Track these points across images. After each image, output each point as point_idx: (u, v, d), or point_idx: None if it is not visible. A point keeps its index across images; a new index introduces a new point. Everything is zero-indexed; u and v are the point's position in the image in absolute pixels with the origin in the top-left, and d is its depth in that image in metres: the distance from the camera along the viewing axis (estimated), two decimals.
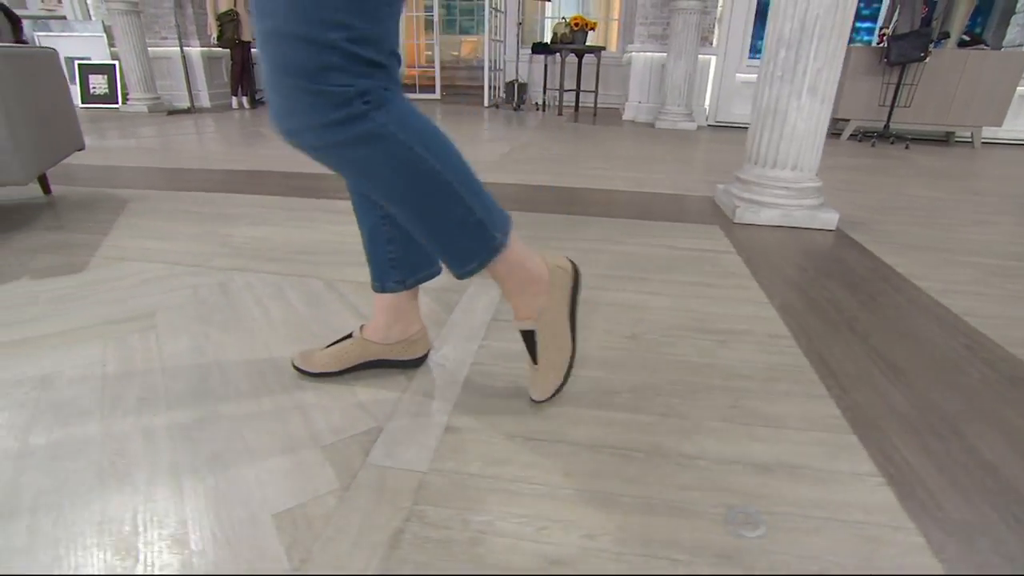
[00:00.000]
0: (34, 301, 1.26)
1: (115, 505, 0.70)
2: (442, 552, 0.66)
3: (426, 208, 0.75)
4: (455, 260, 0.80)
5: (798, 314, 1.32)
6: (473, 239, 0.78)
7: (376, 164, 0.70)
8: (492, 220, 0.80)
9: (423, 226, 0.77)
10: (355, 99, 0.65)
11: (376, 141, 0.68)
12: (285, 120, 0.66)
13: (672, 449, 0.85)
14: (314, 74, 0.62)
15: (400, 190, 0.73)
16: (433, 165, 0.73)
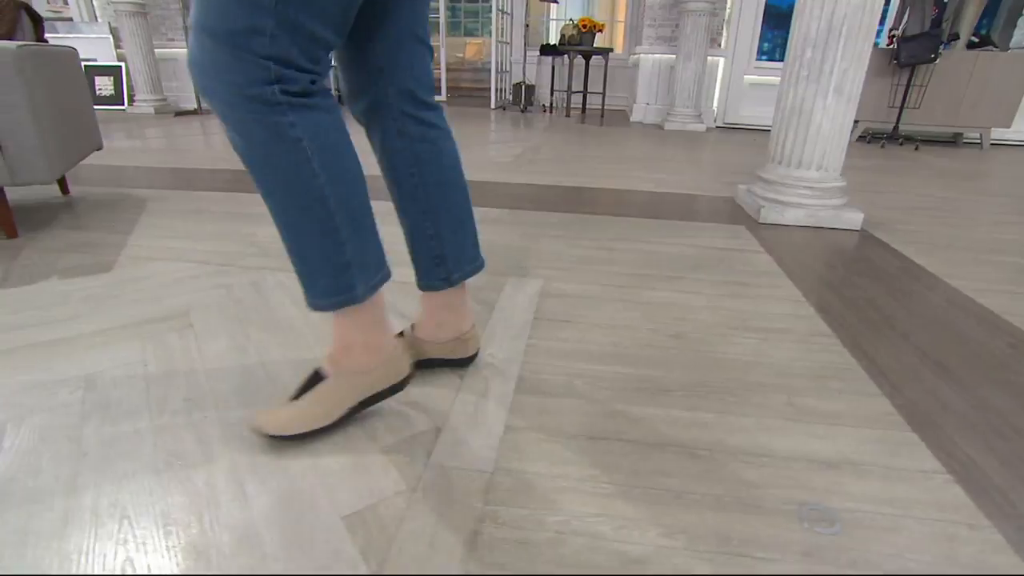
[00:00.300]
0: (65, 300, 1.24)
1: (179, 507, 0.69)
2: (522, 553, 0.64)
3: (296, 226, 0.71)
4: (308, 289, 0.76)
5: (836, 313, 1.32)
6: (332, 278, 0.74)
7: (267, 156, 0.67)
8: (362, 269, 0.76)
9: (287, 240, 0.73)
10: (275, 82, 0.62)
11: (277, 137, 0.65)
12: (202, 76, 0.63)
13: (735, 447, 0.84)
14: (239, 34, 0.59)
15: (278, 195, 0.69)
16: (323, 188, 0.70)
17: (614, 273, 1.50)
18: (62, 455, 0.77)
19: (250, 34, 0.60)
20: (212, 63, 0.61)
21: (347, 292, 0.75)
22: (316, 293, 0.75)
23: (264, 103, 0.63)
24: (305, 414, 0.79)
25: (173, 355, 1.03)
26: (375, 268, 0.78)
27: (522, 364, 1.03)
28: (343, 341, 0.81)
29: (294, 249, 0.73)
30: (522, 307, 1.26)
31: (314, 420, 0.79)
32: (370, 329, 0.81)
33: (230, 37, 0.60)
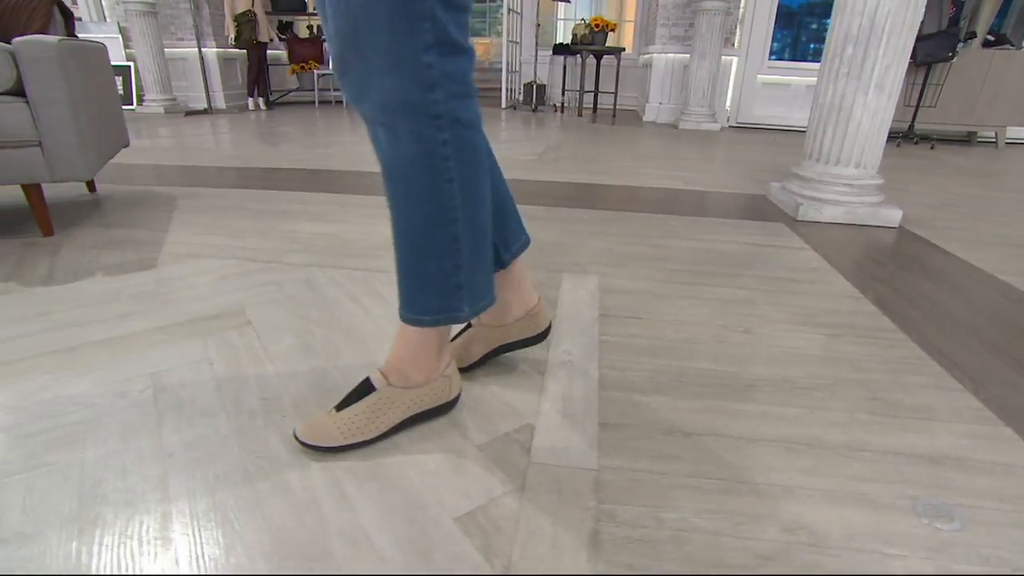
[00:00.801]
0: (116, 298, 1.21)
1: (280, 511, 0.66)
2: (648, 552, 0.62)
3: (419, 242, 0.69)
4: (410, 303, 0.74)
5: (896, 308, 1.30)
6: (440, 298, 0.73)
7: (409, 167, 0.65)
8: (471, 291, 0.74)
9: (404, 254, 0.71)
10: (439, 83, 0.61)
11: (427, 148, 0.64)
12: (353, 85, 0.63)
13: (833, 441, 0.82)
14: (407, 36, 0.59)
15: (409, 209, 0.68)
16: (456, 209, 0.68)
17: (667, 269, 1.48)
18: (146, 456, 0.74)
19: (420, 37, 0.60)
20: (379, 67, 0.61)
21: (452, 312, 0.73)
22: (418, 309, 0.73)
23: (427, 115, 0.62)
24: (351, 426, 0.75)
25: (238, 353, 1.01)
26: (484, 292, 0.76)
27: (600, 361, 1.01)
28: (403, 354, 0.78)
29: (410, 264, 0.71)
30: (586, 303, 1.24)
31: (359, 432, 0.75)
32: (434, 348, 0.79)
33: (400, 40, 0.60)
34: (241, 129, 4.06)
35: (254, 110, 5.29)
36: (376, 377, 0.78)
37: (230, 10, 4.85)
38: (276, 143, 3.43)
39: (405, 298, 0.74)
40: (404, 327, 0.77)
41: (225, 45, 5.21)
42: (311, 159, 2.91)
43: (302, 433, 0.74)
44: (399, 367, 0.78)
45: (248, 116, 4.88)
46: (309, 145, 3.37)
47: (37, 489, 0.68)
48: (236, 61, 5.46)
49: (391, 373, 0.78)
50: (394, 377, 0.78)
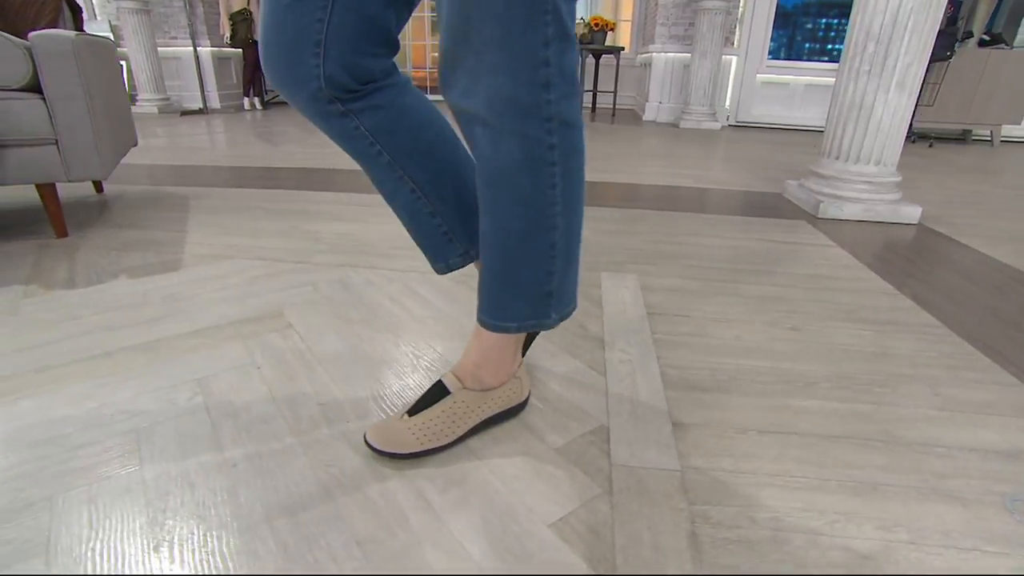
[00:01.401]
0: (144, 301, 1.17)
1: (366, 524, 0.63)
2: (749, 553, 0.60)
3: (514, 248, 0.66)
4: (495, 309, 0.71)
5: (934, 303, 1.30)
6: (529, 305, 0.70)
7: (514, 169, 0.62)
8: (560, 299, 0.71)
9: (497, 260, 0.68)
10: (554, 83, 0.58)
11: (534, 152, 0.61)
12: (459, 79, 0.59)
13: (905, 437, 0.81)
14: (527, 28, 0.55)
15: (508, 215, 0.64)
16: (556, 216, 0.65)
17: (700, 267, 1.46)
18: (209, 467, 0.71)
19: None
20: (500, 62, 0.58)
21: (539, 319, 0.71)
22: (504, 315, 0.71)
23: (538, 117, 0.59)
24: (427, 431, 0.72)
25: (284, 357, 0.97)
26: (570, 298, 0.73)
27: (658, 360, 0.99)
28: (479, 358, 0.76)
29: (501, 270, 0.68)
30: (630, 302, 1.22)
31: (436, 438, 0.72)
32: (511, 351, 0.76)
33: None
34: (239, 129, 3.99)
35: (250, 110, 5.21)
36: (450, 380, 0.75)
37: (225, 8, 4.77)
38: (278, 143, 3.37)
39: (490, 303, 0.71)
40: (482, 331, 0.74)
41: (220, 44, 5.12)
42: (315, 158, 2.86)
43: (375, 440, 0.71)
44: (474, 371, 0.75)
45: (244, 116, 4.80)
46: (312, 144, 3.32)
47: (101, 503, 0.64)
48: (231, 60, 5.37)
49: (466, 376, 0.75)
50: (469, 380, 0.75)
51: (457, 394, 0.74)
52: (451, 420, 0.73)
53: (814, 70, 4.88)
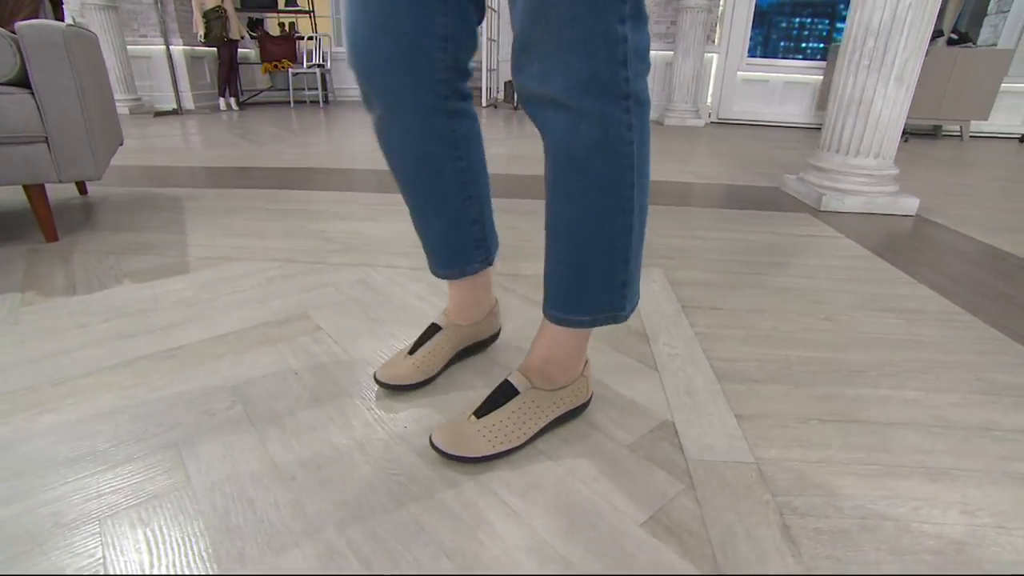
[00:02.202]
0: (156, 306, 1.10)
1: (450, 534, 0.59)
2: (845, 542, 0.59)
3: (592, 237, 0.63)
4: (567, 303, 0.68)
5: (952, 291, 1.32)
6: (605, 296, 0.67)
7: (593, 151, 0.59)
8: (633, 289, 0.69)
9: (570, 250, 0.64)
10: (631, 59, 0.56)
11: (613, 131, 0.58)
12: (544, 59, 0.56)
13: (962, 422, 0.81)
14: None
15: (584, 202, 0.62)
16: (633, 199, 0.63)
17: (721, 260, 1.46)
18: (265, 480, 0.66)
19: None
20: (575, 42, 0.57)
21: (614, 311, 0.68)
22: (577, 308, 0.68)
23: (617, 95, 0.57)
24: (497, 433, 0.69)
25: (320, 360, 0.92)
26: (638, 288, 0.70)
27: (704, 352, 0.98)
28: (548, 355, 0.73)
29: (575, 261, 0.65)
30: (662, 296, 1.21)
31: (507, 440, 0.69)
32: (581, 347, 0.74)
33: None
34: (218, 130, 3.86)
35: (226, 110, 5.04)
36: (518, 379, 0.72)
37: (198, 6, 4.61)
38: (263, 143, 3.27)
39: (562, 297, 0.68)
40: (550, 327, 0.71)
41: (193, 43, 4.95)
42: (305, 158, 2.78)
43: (443, 443, 0.68)
44: (543, 368, 0.72)
45: (220, 117, 4.65)
46: (298, 144, 3.23)
47: (155, 524, 0.59)
48: (204, 60, 5.20)
49: (534, 375, 0.72)
50: (537, 379, 0.72)
51: (526, 393, 0.71)
52: (521, 421, 0.70)
53: (792, 68, 4.99)
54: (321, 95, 5.58)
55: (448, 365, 0.89)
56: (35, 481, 0.64)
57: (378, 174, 2.42)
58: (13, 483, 0.64)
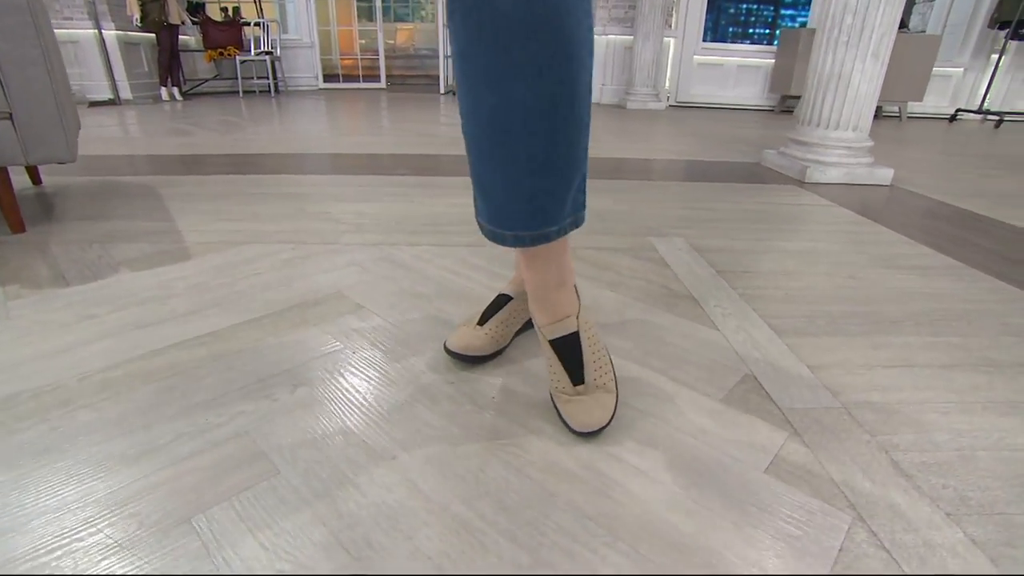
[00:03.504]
0: (169, 293, 1.00)
1: (587, 498, 0.56)
2: (953, 472, 0.61)
3: (564, 120, 0.57)
4: (543, 211, 0.61)
5: (949, 249, 1.40)
6: (575, 191, 0.62)
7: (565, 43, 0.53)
8: (585, 187, 0.65)
9: (545, 140, 0.57)
10: None
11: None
12: None
13: (1007, 360, 0.86)
14: None
15: (557, 70, 0.54)
16: (591, 74, 0.58)
17: (734, 229, 1.49)
18: (365, 464, 0.61)
19: None
20: None
21: (580, 210, 0.66)
22: (554, 215, 0.62)
23: None
24: (612, 401, 0.67)
25: (377, 338, 0.86)
26: None
27: (755, 311, 0.99)
28: (560, 274, 0.69)
29: (550, 161, 0.59)
30: (693, 262, 1.21)
31: (615, 383, 0.69)
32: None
33: None
34: (167, 119, 3.59)
35: (169, 100, 4.70)
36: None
37: None
38: (223, 131, 3.07)
39: (545, 207, 0.62)
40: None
41: (127, 27, 4.57)
42: (273, 144, 2.62)
43: (589, 425, 0.64)
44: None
45: (164, 107, 4.33)
46: (261, 132, 3.05)
47: (258, 518, 0.53)
48: (140, 46, 4.81)
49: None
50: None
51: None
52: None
53: (744, 52, 5.16)
54: (272, 84, 5.30)
55: (516, 336, 0.85)
56: (95, 484, 0.57)
57: (359, 157, 2.32)
58: (72, 488, 0.56)
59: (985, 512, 0.57)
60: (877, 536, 0.53)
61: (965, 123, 4.96)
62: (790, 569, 0.49)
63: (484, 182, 0.61)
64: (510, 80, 0.53)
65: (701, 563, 0.49)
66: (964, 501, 0.58)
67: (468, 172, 0.63)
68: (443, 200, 1.68)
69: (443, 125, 3.50)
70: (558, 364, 0.66)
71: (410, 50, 7.84)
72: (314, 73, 6.09)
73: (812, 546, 0.51)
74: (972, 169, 2.62)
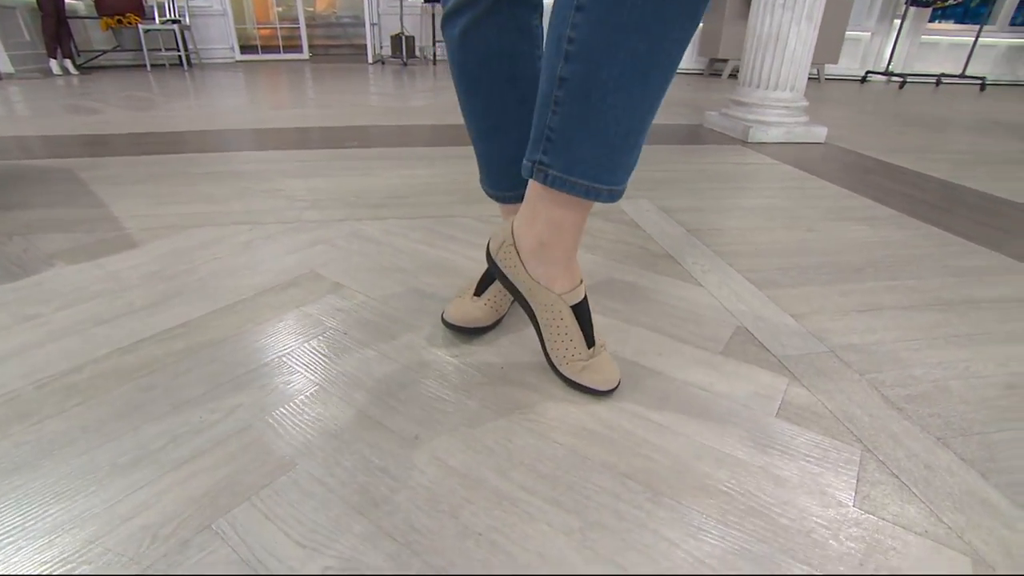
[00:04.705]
0: (121, 285, 0.91)
1: (610, 454, 0.57)
2: (934, 400, 0.67)
3: (653, 94, 0.54)
4: (631, 163, 0.59)
5: (888, 201, 1.50)
6: (635, 159, 0.59)
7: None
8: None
9: (641, 110, 0.55)
10: None
11: None
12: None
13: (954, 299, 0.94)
14: None
15: (653, 59, 0.52)
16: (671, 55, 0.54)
17: (693, 190, 1.53)
18: (384, 445, 0.58)
19: None
20: None
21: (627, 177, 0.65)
22: (621, 176, 0.59)
23: None
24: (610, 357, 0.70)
25: (364, 316, 0.82)
26: None
27: (731, 267, 1.02)
28: (576, 240, 0.68)
29: (639, 122, 0.56)
30: (663, 222, 1.24)
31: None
32: None
33: None
34: (66, 96, 3.21)
35: (61, 74, 4.18)
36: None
37: None
38: (138, 108, 2.78)
39: (614, 169, 0.58)
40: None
41: None
42: (201, 120, 2.41)
43: (602, 384, 0.65)
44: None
45: (56, 82, 3.86)
46: (183, 108, 2.79)
47: (286, 515, 0.50)
48: (17, 11, 4.23)
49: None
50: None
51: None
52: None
53: None
54: (183, 56, 4.84)
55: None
56: (89, 500, 0.51)
57: (298, 131, 2.18)
58: (61, 506, 0.50)
59: (966, 433, 0.62)
60: (886, 464, 0.57)
61: (874, 84, 5.32)
62: (819, 504, 0.52)
63: (588, 136, 0.55)
64: (662, 25, 0.50)
65: (743, 508, 0.51)
66: (948, 426, 0.63)
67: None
68: (398, 172, 1.61)
69: (377, 95, 3.35)
70: (576, 330, 0.66)
71: (332, 18, 7.38)
72: (229, 44, 5.62)
73: (834, 480, 0.55)
74: (889, 126, 2.82)
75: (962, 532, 0.50)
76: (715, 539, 0.48)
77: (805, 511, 0.51)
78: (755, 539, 0.48)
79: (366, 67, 5.34)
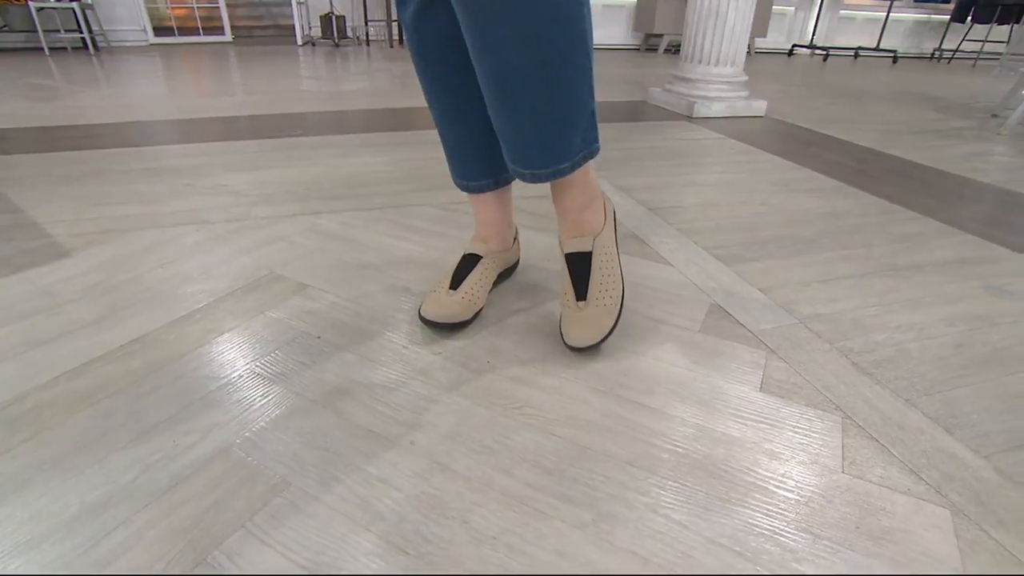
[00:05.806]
0: (57, 300, 0.82)
1: (604, 442, 0.57)
2: (896, 364, 0.72)
3: (558, 75, 0.58)
4: (553, 151, 0.63)
5: (828, 171, 1.58)
6: (584, 129, 0.64)
7: None
8: (596, 122, 0.67)
9: (543, 95, 0.58)
10: None
11: None
12: None
13: (900, 264, 1.01)
14: None
15: (542, 35, 0.55)
16: (586, 21, 0.58)
17: (647, 167, 1.55)
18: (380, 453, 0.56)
19: None
20: None
21: (594, 142, 0.71)
22: (559, 155, 0.66)
23: None
24: (608, 323, 0.72)
25: (335, 317, 0.78)
26: None
27: (696, 244, 1.05)
28: (587, 197, 0.76)
29: (546, 108, 0.61)
30: (623, 202, 1.26)
31: (617, 304, 0.74)
32: (593, 169, 0.78)
33: None
34: None
35: None
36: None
37: None
38: (41, 99, 2.51)
39: (543, 152, 0.65)
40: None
41: None
42: (118, 112, 2.21)
43: (584, 341, 0.69)
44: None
45: None
46: (95, 98, 2.54)
47: (287, 538, 0.47)
48: None
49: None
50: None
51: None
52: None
53: None
54: (88, 39, 4.40)
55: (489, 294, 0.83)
56: (57, 547, 0.46)
57: (231, 120, 2.04)
58: (26, 559, 0.45)
59: (928, 392, 0.67)
60: (866, 429, 0.60)
61: (800, 57, 5.56)
62: (811, 473, 0.54)
63: (499, 128, 0.65)
64: (499, 48, 0.56)
65: (745, 484, 0.53)
66: (912, 387, 0.68)
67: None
68: (346, 160, 1.54)
69: (310, 79, 3.18)
70: (567, 276, 0.71)
71: None
72: (141, 25, 5.17)
73: (823, 449, 0.57)
74: (819, 99, 2.96)
75: (939, 487, 0.53)
76: (724, 518, 0.49)
77: (802, 482, 0.53)
78: (761, 514, 0.50)
79: (295, 49, 5.07)
